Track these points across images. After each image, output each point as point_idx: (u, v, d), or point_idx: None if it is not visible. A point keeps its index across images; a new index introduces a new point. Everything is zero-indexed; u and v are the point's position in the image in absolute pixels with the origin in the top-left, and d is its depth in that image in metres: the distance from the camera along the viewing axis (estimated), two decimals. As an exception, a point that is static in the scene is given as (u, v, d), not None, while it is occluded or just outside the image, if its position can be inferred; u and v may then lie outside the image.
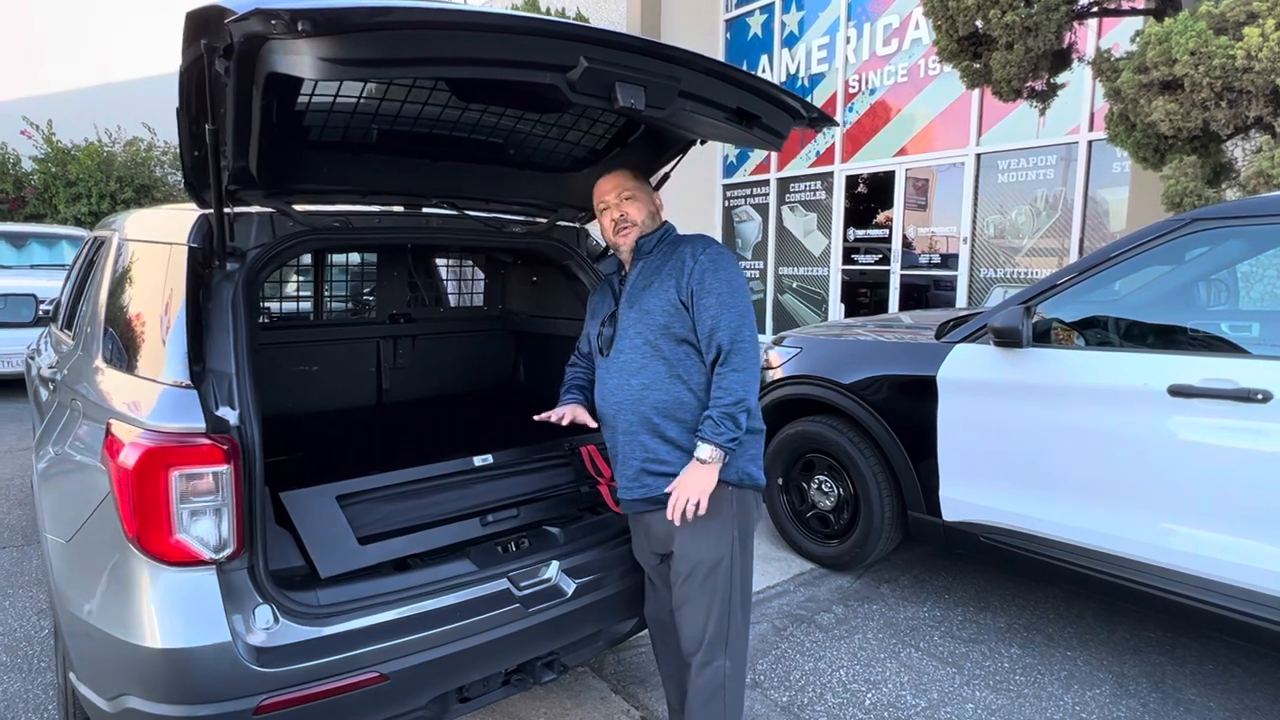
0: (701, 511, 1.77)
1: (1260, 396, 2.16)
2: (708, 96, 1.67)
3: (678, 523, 1.78)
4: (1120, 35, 6.13)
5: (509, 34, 1.35)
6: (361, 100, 1.84)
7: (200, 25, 1.33)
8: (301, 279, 2.95)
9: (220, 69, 1.38)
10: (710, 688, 1.89)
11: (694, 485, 1.76)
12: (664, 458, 1.85)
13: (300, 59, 1.25)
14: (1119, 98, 3.99)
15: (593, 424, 2.09)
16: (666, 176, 2.40)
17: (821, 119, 1.93)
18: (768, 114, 1.81)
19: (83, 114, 11.23)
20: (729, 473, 1.82)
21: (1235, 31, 3.42)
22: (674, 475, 1.83)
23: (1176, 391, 2.32)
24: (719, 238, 10.54)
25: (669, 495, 1.82)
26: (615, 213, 1.96)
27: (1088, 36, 6.34)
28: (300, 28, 1.15)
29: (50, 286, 4.24)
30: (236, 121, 1.54)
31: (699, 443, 1.77)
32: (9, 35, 13.22)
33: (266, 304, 2.95)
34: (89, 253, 2.86)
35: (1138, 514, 2.43)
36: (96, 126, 11.21)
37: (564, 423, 2.10)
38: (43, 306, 3.63)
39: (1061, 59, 4.65)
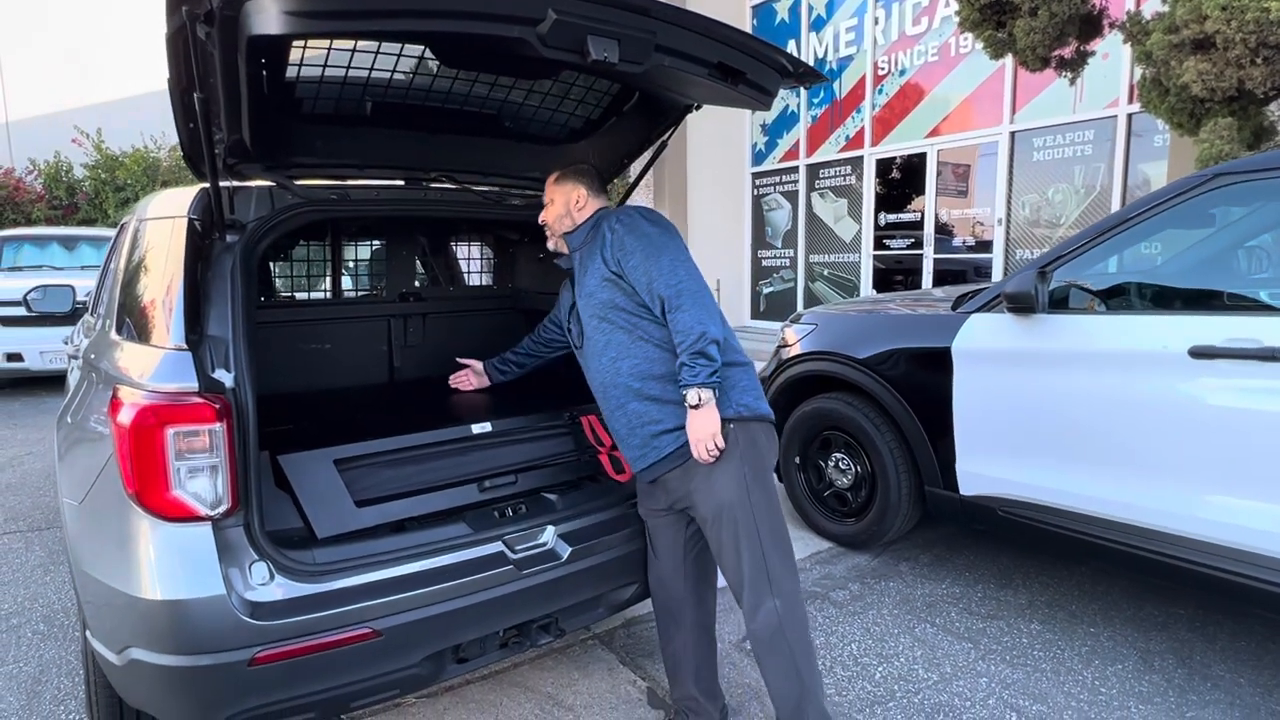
0: (721, 445, 1.78)
1: (1287, 355, 2.06)
2: (686, 51, 1.65)
3: (709, 461, 1.80)
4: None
5: None
6: (350, 70, 1.87)
7: None
8: (314, 258, 3.01)
9: (202, 35, 1.42)
10: (767, 631, 1.83)
11: (699, 430, 1.79)
12: (655, 416, 1.88)
13: (267, 15, 1.28)
14: (1150, 60, 3.85)
15: (475, 383, 2.60)
16: (664, 145, 2.39)
17: (810, 74, 1.89)
18: (753, 70, 1.79)
19: (129, 121, 11.63)
20: (726, 409, 1.82)
21: (1270, -17, 3.26)
22: (672, 429, 1.85)
23: (1198, 353, 2.22)
24: (748, 226, 10.47)
25: (679, 449, 1.85)
26: None
27: (1124, 1, 6.11)
28: None
29: (93, 284, 4.40)
30: (226, 91, 1.58)
31: (683, 391, 1.78)
32: (60, 49, 13.79)
33: (278, 281, 3.02)
34: (115, 240, 2.97)
35: (1157, 483, 2.34)
36: (142, 134, 11.60)
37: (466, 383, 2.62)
38: (79, 299, 3.79)
39: (1091, 24, 4.49)
